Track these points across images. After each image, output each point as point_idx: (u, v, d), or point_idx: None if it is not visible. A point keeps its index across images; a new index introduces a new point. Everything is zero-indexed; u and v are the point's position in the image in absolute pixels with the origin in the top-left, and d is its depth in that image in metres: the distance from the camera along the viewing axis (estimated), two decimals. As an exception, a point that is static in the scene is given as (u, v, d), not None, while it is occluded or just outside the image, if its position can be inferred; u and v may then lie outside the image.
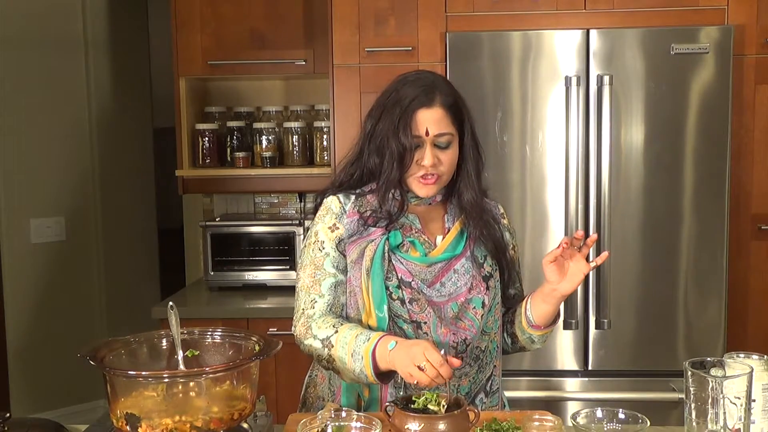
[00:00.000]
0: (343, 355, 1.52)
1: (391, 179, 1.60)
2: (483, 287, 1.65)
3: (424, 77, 1.64)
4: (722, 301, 2.63)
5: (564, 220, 2.60)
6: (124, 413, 1.31)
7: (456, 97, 1.64)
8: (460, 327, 1.62)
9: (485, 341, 1.66)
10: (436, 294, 1.63)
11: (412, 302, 1.61)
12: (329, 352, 1.54)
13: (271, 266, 3.19)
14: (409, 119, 1.58)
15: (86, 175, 4.01)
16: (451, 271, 1.65)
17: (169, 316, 1.43)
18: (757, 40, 2.63)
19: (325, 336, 1.56)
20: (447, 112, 1.60)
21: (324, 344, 1.55)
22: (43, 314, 3.85)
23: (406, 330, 1.60)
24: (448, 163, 1.62)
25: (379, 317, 1.59)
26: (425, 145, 1.59)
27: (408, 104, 1.59)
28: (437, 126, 1.59)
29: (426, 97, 1.60)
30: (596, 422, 1.31)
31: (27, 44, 3.76)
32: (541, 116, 2.61)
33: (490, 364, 1.69)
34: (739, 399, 1.26)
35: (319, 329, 1.58)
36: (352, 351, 1.51)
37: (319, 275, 1.63)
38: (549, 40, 2.59)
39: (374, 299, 1.59)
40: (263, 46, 3.12)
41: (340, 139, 2.77)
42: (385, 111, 1.62)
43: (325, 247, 1.64)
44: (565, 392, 2.64)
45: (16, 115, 3.75)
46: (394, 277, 1.61)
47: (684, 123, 2.60)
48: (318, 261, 1.64)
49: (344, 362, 1.52)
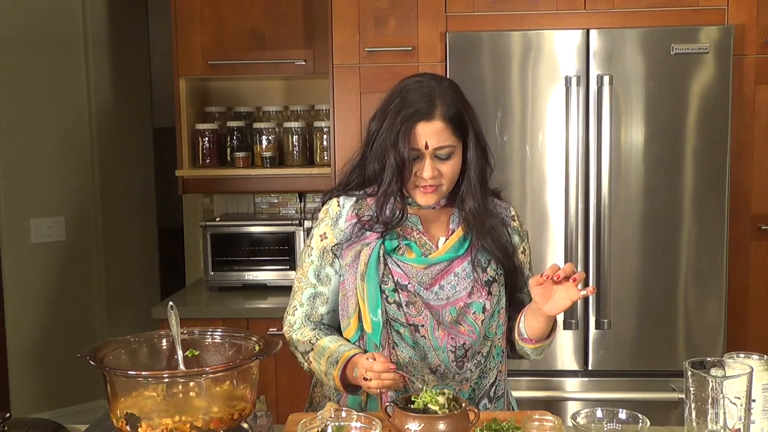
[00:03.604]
0: (318, 368, 1.61)
1: (389, 192, 1.60)
2: (484, 292, 1.62)
3: (427, 85, 1.60)
4: (722, 301, 2.63)
5: (564, 220, 2.60)
6: (124, 413, 1.31)
7: (459, 106, 1.60)
8: (459, 331, 1.61)
9: (487, 346, 1.64)
10: (433, 297, 1.61)
11: (408, 305, 1.59)
12: (309, 366, 1.64)
13: (271, 266, 3.19)
14: (408, 131, 1.56)
15: (86, 175, 4.01)
16: (450, 274, 1.63)
17: (169, 316, 1.43)
18: (757, 40, 2.63)
19: (304, 350, 1.65)
20: (448, 124, 1.57)
21: (305, 350, 1.64)
22: (43, 314, 3.85)
23: (402, 333, 1.59)
24: (449, 174, 1.60)
25: (374, 321, 1.58)
26: (425, 157, 1.57)
27: (408, 116, 1.57)
28: (437, 139, 1.56)
29: (426, 109, 1.57)
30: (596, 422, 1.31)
31: (27, 44, 3.76)
32: (541, 116, 2.61)
33: (493, 369, 1.66)
34: (739, 399, 1.26)
35: (298, 341, 1.66)
36: (325, 369, 1.59)
37: (303, 283, 1.69)
38: (549, 40, 2.59)
39: (369, 303, 1.58)
40: (263, 46, 3.12)
41: (340, 139, 2.77)
42: (387, 118, 1.60)
43: (312, 254, 1.68)
44: (565, 392, 2.64)
45: (16, 115, 3.75)
46: (390, 280, 1.60)
47: (684, 123, 2.60)
48: (305, 267, 1.69)
49: (321, 374, 1.62)
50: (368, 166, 1.65)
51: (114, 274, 4.12)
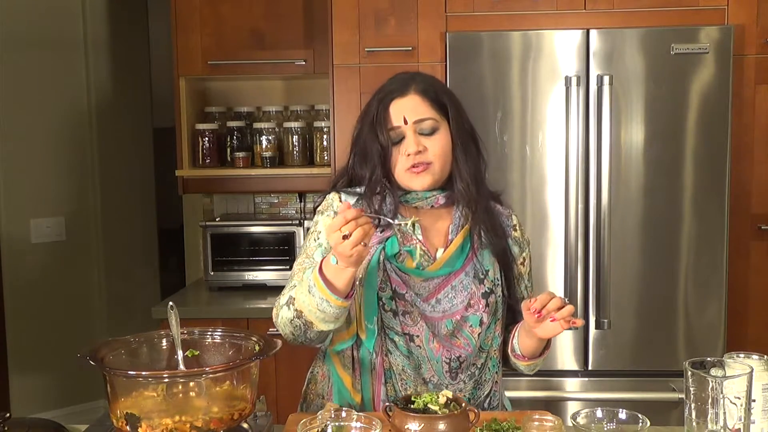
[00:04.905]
0: (303, 298, 1.47)
1: (374, 179, 1.56)
2: (482, 304, 1.59)
3: (403, 74, 1.62)
4: (722, 301, 2.63)
5: (564, 220, 2.60)
6: (124, 413, 1.31)
7: (436, 87, 1.59)
8: (455, 344, 1.58)
9: (482, 358, 1.62)
10: (430, 309, 1.58)
11: (404, 314, 1.56)
12: (295, 308, 1.49)
13: (271, 266, 3.19)
14: (385, 112, 1.55)
15: (86, 175, 4.01)
16: (448, 287, 1.59)
17: (169, 316, 1.43)
18: (757, 40, 2.63)
19: (287, 297, 1.52)
20: (424, 97, 1.56)
21: (288, 305, 1.51)
22: (43, 314, 3.85)
23: (397, 342, 1.56)
24: (438, 150, 1.56)
25: (369, 329, 1.55)
26: (407, 134, 1.55)
27: (382, 98, 1.56)
28: (414, 112, 1.54)
29: (400, 88, 1.56)
30: (596, 422, 1.31)
31: (27, 44, 3.76)
32: (541, 116, 2.61)
33: (489, 381, 1.64)
34: (739, 399, 1.26)
35: (283, 296, 1.55)
36: (307, 287, 1.46)
37: (306, 263, 1.59)
38: (549, 40, 2.59)
39: (365, 310, 1.55)
40: (263, 46, 3.12)
41: (340, 139, 2.77)
42: (365, 115, 1.60)
43: (320, 238, 1.61)
44: (565, 392, 2.64)
45: (16, 115, 3.75)
46: (387, 287, 1.56)
47: (684, 123, 2.60)
48: (310, 251, 1.61)
49: (307, 304, 1.46)
50: (353, 167, 1.62)
51: (114, 274, 4.12)
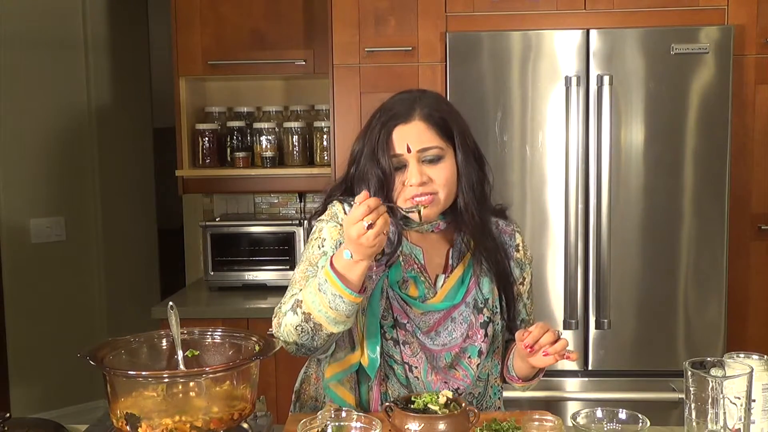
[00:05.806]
0: (312, 298, 1.40)
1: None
2: (480, 334, 1.57)
3: (409, 93, 1.54)
4: (722, 301, 2.63)
5: (564, 220, 2.60)
6: (124, 413, 1.31)
7: (444, 111, 1.52)
8: (453, 376, 1.56)
9: (480, 387, 1.61)
10: (429, 342, 1.56)
11: (405, 344, 1.54)
12: (303, 311, 1.41)
13: (271, 266, 3.19)
14: (387, 138, 1.47)
15: (86, 175, 4.01)
16: (448, 320, 1.57)
17: (169, 316, 1.43)
18: (757, 40, 2.63)
19: (293, 302, 1.45)
20: (429, 125, 1.48)
21: (295, 309, 1.43)
22: (43, 314, 3.85)
23: (396, 370, 1.55)
24: (443, 180, 1.49)
25: (371, 358, 1.52)
26: (410, 163, 1.47)
27: (386, 121, 1.49)
28: (419, 140, 1.47)
29: (404, 112, 1.49)
30: (596, 422, 1.31)
31: (27, 44, 3.76)
32: (541, 116, 2.61)
33: (490, 408, 1.63)
34: (739, 399, 1.26)
35: (285, 304, 1.48)
36: (317, 286, 1.39)
37: (310, 272, 1.53)
38: (549, 40, 2.59)
39: (368, 339, 1.52)
40: (263, 46, 3.12)
41: (340, 139, 2.77)
42: (367, 135, 1.52)
43: (324, 245, 1.55)
44: (565, 392, 2.64)
45: (16, 115, 3.75)
46: (389, 315, 1.53)
47: (684, 123, 2.60)
48: (314, 258, 1.54)
49: (317, 304, 1.39)
50: (354, 187, 1.55)
51: (114, 274, 4.12)
